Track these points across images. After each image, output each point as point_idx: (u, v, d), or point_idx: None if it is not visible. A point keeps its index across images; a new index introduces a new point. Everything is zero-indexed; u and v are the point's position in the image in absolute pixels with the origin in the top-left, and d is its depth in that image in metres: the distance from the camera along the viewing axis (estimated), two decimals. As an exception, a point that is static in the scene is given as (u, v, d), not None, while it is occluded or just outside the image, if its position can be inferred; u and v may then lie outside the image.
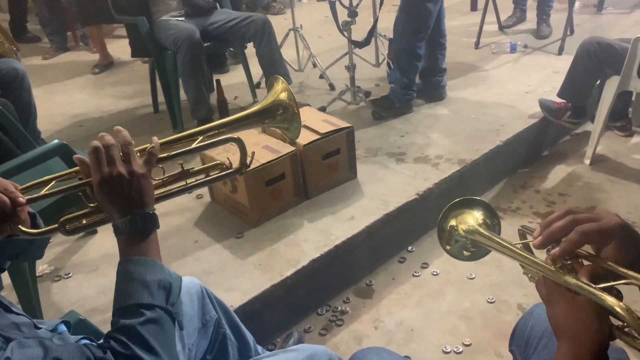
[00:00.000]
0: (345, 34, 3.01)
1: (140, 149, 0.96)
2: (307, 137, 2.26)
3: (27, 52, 4.71)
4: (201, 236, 2.19)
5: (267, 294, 1.87)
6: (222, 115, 3.14)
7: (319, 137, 2.27)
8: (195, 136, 1.03)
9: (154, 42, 3.03)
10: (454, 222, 0.89)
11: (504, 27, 4.23)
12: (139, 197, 0.92)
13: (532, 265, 0.76)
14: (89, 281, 2.03)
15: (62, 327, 1.00)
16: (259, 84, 3.56)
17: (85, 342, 1.02)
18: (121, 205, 0.91)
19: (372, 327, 1.97)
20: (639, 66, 2.46)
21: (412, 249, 2.33)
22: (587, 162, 2.78)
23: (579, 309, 0.69)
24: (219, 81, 3.14)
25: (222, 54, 3.94)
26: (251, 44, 3.13)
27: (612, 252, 0.68)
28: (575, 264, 0.71)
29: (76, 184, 0.95)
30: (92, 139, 0.92)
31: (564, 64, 2.89)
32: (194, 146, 1.02)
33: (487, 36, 4.00)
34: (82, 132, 3.30)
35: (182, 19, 3.04)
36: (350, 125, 2.37)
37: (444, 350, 1.83)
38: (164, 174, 1.04)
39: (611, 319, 0.69)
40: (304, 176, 2.29)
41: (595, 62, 2.61)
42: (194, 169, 1.05)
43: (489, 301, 2.01)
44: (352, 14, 2.94)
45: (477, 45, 3.93)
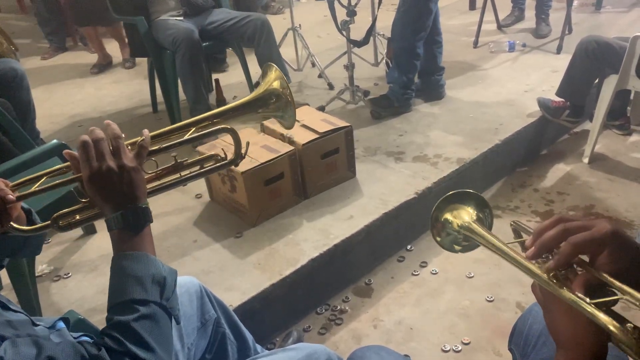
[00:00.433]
0: (344, 33, 3.01)
1: (130, 142, 0.95)
2: (306, 137, 2.26)
3: (26, 52, 4.71)
4: (200, 236, 2.20)
5: (266, 293, 1.87)
6: (221, 114, 3.13)
7: (317, 136, 2.27)
8: (187, 127, 1.01)
9: (152, 42, 3.03)
10: (448, 215, 0.88)
11: (502, 26, 4.22)
12: (130, 191, 0.91)
13: (525, 271, 0.74)
14: (88, 281, 2.03)
15: (61, 324, 1.00)
16: (257, 84, 3.56)
17: (84, 339, 1.02)
18: (112, 199, 0.90)
19: (372, 326, 1.97)
20: (637, 65, 2.47)
21: (411, 248, 2.33)
22: (586, 160, 2.78)
23: (576, 318, 0.67)
24: (217, 81, 3.14)
25: (222, 50, 3.92)
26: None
27: (606, 259, 0.67)
28: (569, 273, 0.70)
29: (67, 180, 0.94)
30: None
31: (563, 62, 2.89)
32: (186, 137, 1.00)
33: (485, 35, 4.00)
34: (81, 132, 3.28)
35: (181, 18, 3.04)
36: (349, 124, 2.37)
37: (443, 349, 1.84)
38: (157, 167, 1.02)
39: None
40: (303, 175, 2.29)
41: (593, 61, 2.61)
42: (187, 160, 1.03)
43: (488, 300, 2.02)
44: (351, 13, 2.94)
45: (475, 44, 3.92)
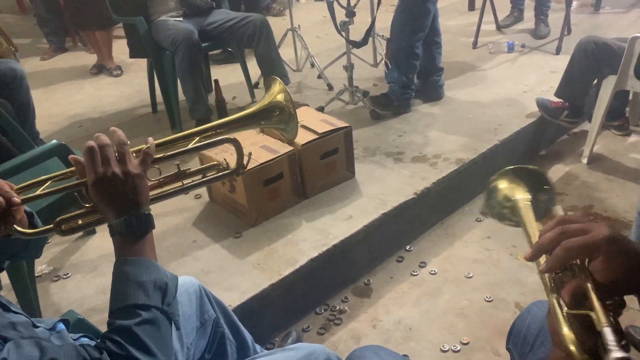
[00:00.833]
0: (343, 34, 3.01)
1: (135, 150, 0.96)
2: (305, 137, 2.26)
3: (25, 52, 4.71)
4: (200, 236, 2.20)
5: (265, 293, 1.87)
6: (220, 115, 3.14)
7: (317, 136, 2.27)
8: (191, 137, 1.03)
9: (152, 43, 3.03)
10: (505, 186, 0.87)
11: (501, 27, 4.23)
12: (134, 197, 0.92)
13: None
14: (87, 281, 2.03)
15: (61, 326, 1.01)
16: (257, 84, 3.57)
17: (83, 340, 1.02)
18: (116, 205, 0.91)
19: (371, 326, 1.98)
20: (635, 65, 2.47)
21: (410, 248, 2.34)
22: (585, 161, 2.79)
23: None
24: (217, 81, 3.15)
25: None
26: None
27: (600, 266, 0.65)
28: (565, 277, 0.69)
29: (71, 184, 0.95)
30: (90, 139, 0.92)
31: (562, 63, 2.89)
32: (190, 147, 1.02)
33: (484, 36, 4.00)
34: (81, 132, 3.30)
35: (181, 19, 3.04)
36: (348, 125, 2.37)
37: (442, 348, 1.84)
38: (160, 175, 1.03)
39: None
40: (302, 176, 2.29)
41: (592, 61, 2.61)
42: (190, 169, 1.05)
43: (487, 300, 2.02)
44: (350, 14, 2.94)
45: (474, 44, 3.93)
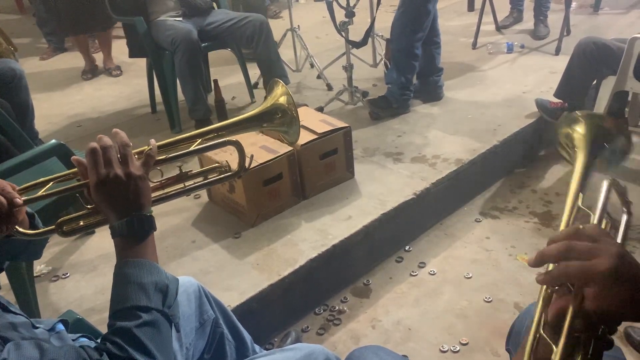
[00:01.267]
0: (342, 34, 3.01)
1: (137, 151, 0.96)
2: (304, 137, 2.26)
3: (24, 52, 4.70)
4: (199, 236, 2.20)
5: (264, 293, 1.87)
6: (220, 115, 3.14)
7: (316, 137, 2.27)
8: (193, 139, 1.03)
9: (151, 43, 3.03)
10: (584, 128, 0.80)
11: (501, 27, 4.23)
12: (136, 199, 0.92)
13: None
14: (86, 281, 2.03)
15: (60, 327, 1.01)
16: (256, 84, 3.56)
17: (83, 340, 1.02)
18: (118, 207, 0.91)
19: (370, 327, 1.97)
20: (635, 66, 2.47)
21: (409, 248, 2.34)
22: (584, 162, 2.79)
23: None
24: (216, 81, 3.14)
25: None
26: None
27: (591, 295, 0.62)
28: (558, 292, 0.66)
29: (74, 185, 0.95)
30: (90, 139, 0.92)
31: (561, 64, 2.89)
32: (192, 149, 1.02)
33: (484, 36, 4.01)
34: (80, 132, 3.30)
35: (180, 19, 3.04)
36: (347, 125, 2.37)
37: (441, 349, 1.84)
38: (162, 177, 1.03)
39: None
40: (302, 176, 2.29)
41: (591, 62, 2.61)
42: (192, 171, 1.05)
43: (486, 300, 2.02)
44: (350, 14, 2.94)
45: (474, 45, 3.93)
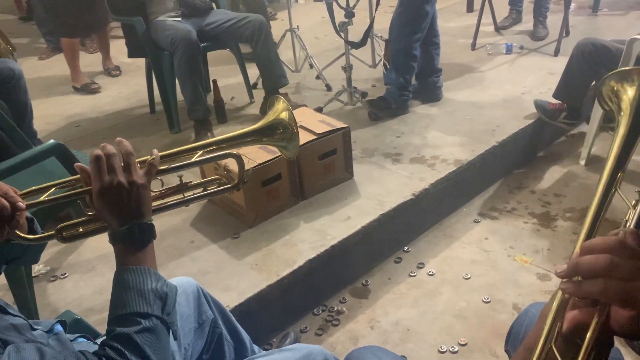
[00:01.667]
0: (341, 34, 3.01)
1: (140, 160, 0.97)
2: (303, 138, 2.26)
3: (23, 52, 4.70)
4: (197, 236, 2.20)
5: (263, 294, 1.87)
6: (219, 115, 3.14)
7: (315, 137, 2.28)
8: (195, 150, 1.05)
9: (150, 43, 3.03)
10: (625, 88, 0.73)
11: (500, 28, 4.23)
12: (137, 207, 0.93)
13: None
14: (84, 281, 2.03)
15: (58, 328, 1.01)
16: (255, 85, 3.56)
17: (81, 340, 1.02)
18: (120, 214, 0.92)
19: (368, 327, 1.97)
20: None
21: (408, 249, 2.34)
22: (582, 162, 2.79)
23: None
24: (215, 81, 3.14)
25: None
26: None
27: (627, 319, 0.56)
28: (579, 302, 0.61)
29: (76, 192, 0.96)
30: (88, 140, 0.93)
31: (560, 65, 2.89)
32: (193, 160, 1.04)
33: (483, 37, 4.01)
34: (79, 132, 3.28)
35: (179, 19, 3.04)
36: (346, 125, 2.37)
37: (440, 349, 1.84)
38: (163, 186, 1.05)
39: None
40: (301, 176, 2.29)
41: (590, 63, 2.61)
42: (192, 182, 1.06)
43: (485, 301, 2.02)
44: (349, 14, 2.94)
45: (473, 46, 3.93)
